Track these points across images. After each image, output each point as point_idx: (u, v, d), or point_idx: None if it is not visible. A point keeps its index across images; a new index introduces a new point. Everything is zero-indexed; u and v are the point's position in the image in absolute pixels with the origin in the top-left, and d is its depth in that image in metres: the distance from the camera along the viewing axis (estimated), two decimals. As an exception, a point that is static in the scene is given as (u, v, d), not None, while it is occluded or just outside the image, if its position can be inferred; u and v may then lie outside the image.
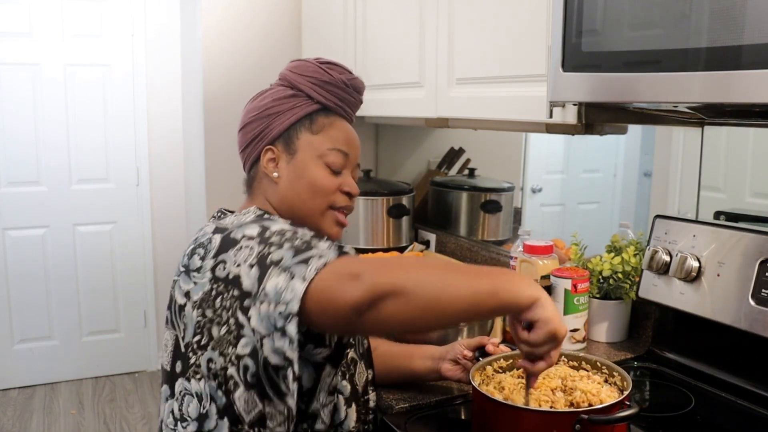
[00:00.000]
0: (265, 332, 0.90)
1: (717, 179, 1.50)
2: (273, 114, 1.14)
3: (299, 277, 0.87)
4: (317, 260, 0.88)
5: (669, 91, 0.98)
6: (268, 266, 0.91)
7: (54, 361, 3.79)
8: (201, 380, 1.01)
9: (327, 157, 1.13)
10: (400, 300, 0.83)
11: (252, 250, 0.94)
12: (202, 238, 1.03)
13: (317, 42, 2.54)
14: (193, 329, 1.01)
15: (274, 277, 0.89)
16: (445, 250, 2.35)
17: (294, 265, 0.89)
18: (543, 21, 1.34)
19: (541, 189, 2.24)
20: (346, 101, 1.16)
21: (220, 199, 2.73)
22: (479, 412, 1.05)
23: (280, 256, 0.91)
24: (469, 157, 2.51)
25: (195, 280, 1.00)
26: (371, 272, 0.84)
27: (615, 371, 1.10)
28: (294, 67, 1.17)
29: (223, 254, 0.97)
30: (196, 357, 1.01)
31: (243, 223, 1.01)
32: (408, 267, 0.88)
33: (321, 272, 0.86)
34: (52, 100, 3.60)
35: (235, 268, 0.94)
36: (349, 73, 1.17)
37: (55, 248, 3.72)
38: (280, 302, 0.87)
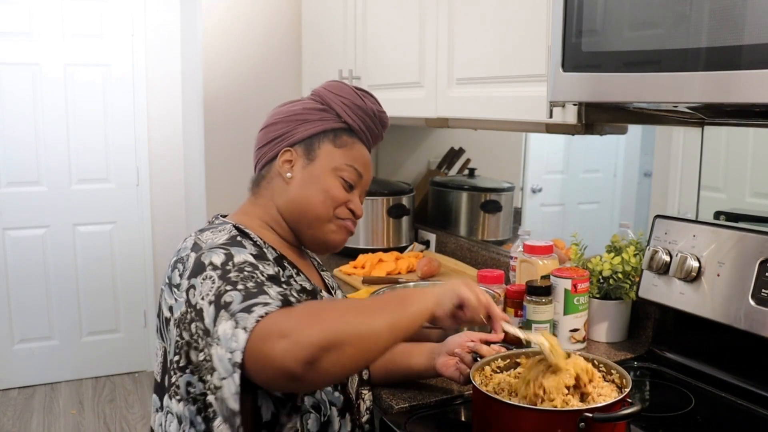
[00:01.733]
0: (224, 374, 0.88)
1: (717, 179, 1.50)
2: (300, 120, 1.15)
3: (241, 326, 0.86)
4: (261, 308, 0.87)
5: (669, 91, 0.98)
6: (220, 307, 0.90)
7: (54, 361, 3.79)
8: (180, 402, 1.00)
9: (343, 171, 1.15)
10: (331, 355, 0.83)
11: (213, 283, 0.93)
12: (182, 252, 1.03)
13: (317, 42, 2.54)
14: (174, 348, 1.00)
15: (224, 322, 0.88)
16: (445, 250, 2.35)
17: (239, 311, 0.88)
18: (543, 21, 1.34)
19: (541, 189, 2.24)
20: (370, 130, 1.19)
21: (220, 199, 2.73)
22: (481, 412, 1.05)
23: (231, 299, 0.90)
24: (469, 157, 2.51)
25: (175, 296, 1.00)
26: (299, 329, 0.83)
27: (613, 369, 1.10)
28: (330, 86, 1.20)
29: (194, 279, 0.96)
30: (176, 377, 1.00)
31: (214, 246, 1.00)
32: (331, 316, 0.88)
33: (259, 324, 0.85)
34: (52, 100, 3.60)
35: (201, 301, 0.93)
36: (380, 106, 1.21)
37: (55, 248, 3.72)
38: (228, 349, 0.86)
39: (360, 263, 2.16)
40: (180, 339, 0.99)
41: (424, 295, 0.99)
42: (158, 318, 1.07)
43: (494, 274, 1.57)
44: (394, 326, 0.92)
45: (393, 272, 2.10)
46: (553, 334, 1.47)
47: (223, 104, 2.67)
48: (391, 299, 1.00)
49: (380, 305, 0.95)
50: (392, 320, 0.92)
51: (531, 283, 1.46)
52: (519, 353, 1.17)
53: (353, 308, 0.92)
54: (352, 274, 2.10)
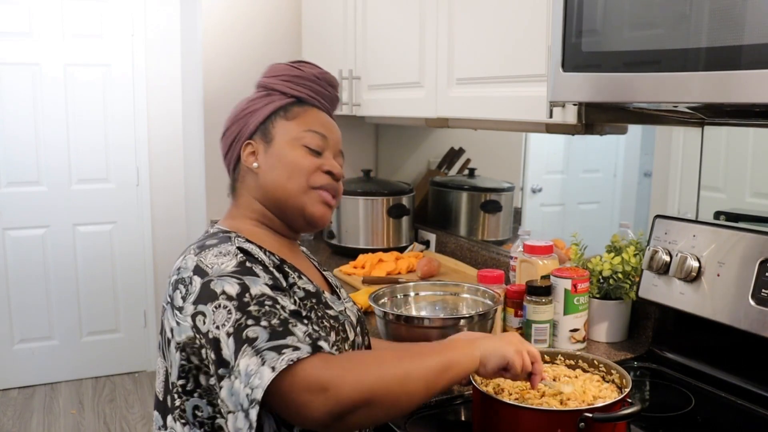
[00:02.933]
0: (231, 408, 0.89)
1: (717, 179, 1.50)
2: (248, 113, 1.15)
3: (269, 365, 0.86)
4: (291, 352, 0.87)
5: (669, 91, 0.98)
6: (243, 342, 0.89)
7: (54, 361, 3.79)
8: (185, 426, 1.00)
9: (303, 139, 1.12)
10: (366, 410, 0.86)
11: (230, 314, 0.92)
12: (183, 272, 0.99)
13: (317, 42, 2.54)
14: (178, 372, 0.99)
15: (247, 357, 0.88)
16: (445, 250, 2.35)
17: (267, 350, 0.88)
18: (543, 21, 1.34)
19: (541, 189, 2.24)
20: (319, 93, 1.17)
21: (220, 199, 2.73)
22: (481, 412, 1.05)
23: (255, 335, 0.89)
24: (469, 157, 2.51)
25: (177, 319, 0.97)
26: (340, 385, 0.85)
27: (613, 369, 1.10)
28: (266, 71, 1.19)
29: (202, 305, 0.94)
30: (181, 401, 0.99)
31: (223, 274, 0.96)
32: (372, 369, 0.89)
33: (292, 369, 0.86)
34: (52, 100, 3.60)
35: (215, 330, 0.92)
36: (320, 68, 1.19)
37: (55, 248, 3.73)
38: (248, 385, 0.87)
39: (360, 263, 2.16)
40: (187, 363, 0.97)
41: (470, 352, 0.98)
42: (161, 335, 1.05)
43: (494, 274, 1.57)
44: (433, 381, 0.93)
45: (393, 272, 2.10)
46: (552, 334, 1.47)
47: (223, 104, 2.66)
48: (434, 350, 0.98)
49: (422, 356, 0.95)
50: (432, 374, 0.92)
51: (531, 283, 1.46)
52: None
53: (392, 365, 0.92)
54: (352, 274, 2.10)
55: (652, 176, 1.73)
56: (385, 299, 1.51)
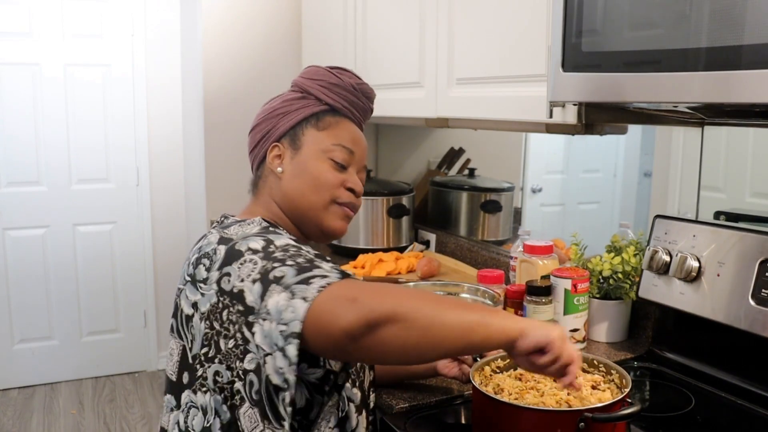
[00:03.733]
0: (268, 350, 0.88)
1: (717, 179, 1.50)
2: (281, 114, 1.15)
3: (300, 296, 0.86)
4: (320, 280, 0.87)
5: (669, 91, 0.98)
6: (270, 282, 0.90)
7: (54, 361, 3.79)
8: (207, 393, 1.00)
9: (332, 152, 1.13)
10: (395, 327, 0.83)
11: (255, 264, 0.93)
12: (207, 248, 1.02)
13: (317, 42, 2.54)
14: (201, 341, 1.00)
15: (276, 295, 0.88)
16: (445, 250, 2.35)
17: (296, 283, 0.88)
18: (543, 21, 1.34)
19: (541, 189, 2.24)
20: (354, 105, 1.17)
21: (219, 199, 2.73)
22: (481, 412, 1.05)
23: (283, 273, 0.90)
24: (469, 157, 2.51)
25: (202, 291, 0.99)
26: (369, 296, 0.84)
27: (613, 369, 1.10)
28: (305, 72, 1.19)
29: (228, 267, 0.96)
30: (203, 369, 1.00)
31: (248, 235, 1.00)
32: (404, 294, 0.88)
33: (322, 294, 0.85)
34: (52, 100, 3.60)
35: (239, 283, 0.93)
36: (358, 78, 1.19)
37: (55, 248, 3.72)
38: (281, 321, 0.86)
39: (360, 263, 2.16)
40: (210, 330, 0.98)
41: (516, 319, 0.92)
42: (175, 318, 1.06)
43: (494, 274, 1.57)
44: (469, 329, 0.86)
45: (393, 272, 2.10)
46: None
47: (223, 104, 2.67)
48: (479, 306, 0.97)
49: (464, 305, 0.94)
50: (470, 322, 0.87)
51: (531, 283, 1.46)
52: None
53: (432, 296, 0.91)
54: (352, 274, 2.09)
55: (652, 176, 1.73)
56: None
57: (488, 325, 0.88)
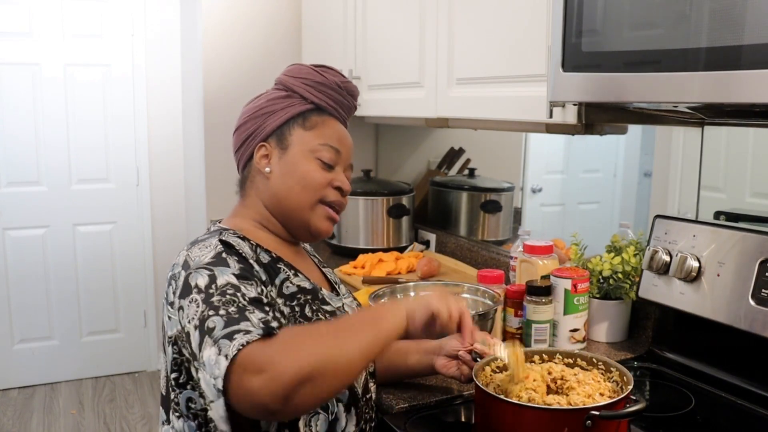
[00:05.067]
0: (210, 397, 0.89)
1: (717, 179, 1.50)
2: (267, 113, 1.14)
3: (224, 353, 0.86)
4: (242, 336, 0.87)
5: (669, 91, 0.98)
6: (204, 333, 0.90)
7: (54, 361, 3.79)
8: (180, 419, 1.01)
9: (319, 152, 1.13)
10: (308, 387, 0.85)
11: (198, 307, 0.93)
12: (175, 268, 1.02)
13: (317, 42, 2.54)
14: (170, 365, 1.00)
15: (208, 348, 0.89)
16: (445, 250, 2.35)
17: (222, 337, 0.88)
18: (543, 21, 1.34)
19: (541, 189, 2.24)
20: (339, 103, 1.17)
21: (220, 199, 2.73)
22: (485, 412, 1.05)
23: (214, 325, 0.90)
24: (469, 157, 2.51)
25: (169, 314, 1.00)
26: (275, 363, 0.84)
27: (613, 368, 1.10)
28: (289, 71, 1.19)
29: (183, 300, 0.96)
30: (175, 394, 1.01)
31: (199, 266, 0.99)
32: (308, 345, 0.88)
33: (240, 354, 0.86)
34: (52, 100, 3.60)
35: (188, 324, 0.94)
36: (342, 76, 1.19)
37: (55, 248, 3.72)
38: (212, 375, 0.87)
39: (360, 263, 2.16)
40: (179, 356, 0.99)
41: (396, 312, 0.98)
42: (162, 331, 1.07)
43: (494, 274, 1.57)
44: (367, 349, 0.92)
45: (393, 272, 2.10)
46: (552, 334, 1.47)
47: (223, 104, 2.67)
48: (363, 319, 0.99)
49: (353, 327, 0.95)
50: (365, 343, 0.92)
51: (531, 283, 1.46)
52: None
53: (326, 336, 0.92)
54: (352, 274, 2.10)
55: (652, 176, 1.73)
56: (385, 299, 1.51)
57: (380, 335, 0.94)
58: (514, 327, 1.51)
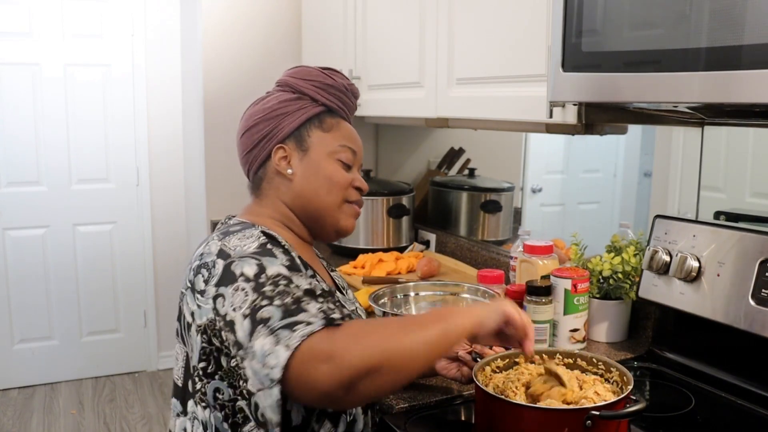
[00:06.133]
0: (258, 386, 0.90)
1: (717, 179, 1.50)
2: (281, 115, 1.14)
3: (283, 344, 0.87)
4: (303, 327, 0.89)
5: (669, 91, 0.98)
6: (257, 322, 0.91)
7: (54, 361, 3.79)
8: (206, 409, 1.01)
9: (339, 153, 1.15)
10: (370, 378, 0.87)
11: (247, 296, 0.93)
12: (207, 257, 1.01)
13: (317, 42, 2.54)
14: (199, 355, 1.00)
15: (262, 337, 0.89)
16: (445, 250, 2.35)
17: (280, 328, 0.89)
18: (543, 21, 1.35)
19: (541, 189, 2.24)
20: (346, 105, 1.19)
21: (220, 199, 2.73)
22: (485, 412, 1.05)
23: (270, 315, 0.91)
24: (469, 157, 2.51)
25: (199, 302, 0.99)
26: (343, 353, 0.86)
27: (613, 367, 1.10)
28: (295, 72, 1.19)
29: (223, 287, 0.96)
30: (202, 384, 1.01)
31: (244, 254, 0.99)
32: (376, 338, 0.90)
33: (303, 344, 0.87)
34: (52, 100, 3.60)
35: (232, 312, 0.94)
36: (348, 79, 1.21)
37: (55, 248, 3.72)
38: (265, 365, 0.88)
39: (360, 263, 2.16)
40: (208, 345, 0.98)
41: (467, 314, 0.99)
42: (179, 322, 1.06)
43: (494, 274, 1.57)
44: (434, 346, 0.93)
45: (393, 272, 2.10)
46: (552, 334, 1.47)
47: (223, 104, 2.67)
48: (433, 317, 0.99)
49: (422, 323, 0.96)
50: (432, 339, 0.93)
51: (531, 283, 1.46)
52: (517, 353, 1.17)
53: (393, 329, 0.93)
54: (352, 274, 2.10)
55: (652, 176, 1.73)
56: (385, 299, 1.51)
57: (450, 334, 0.95)
58: (514, 327, 1.51)
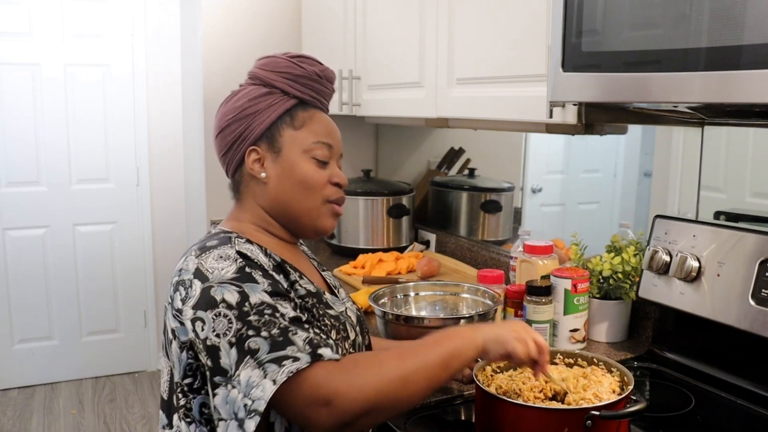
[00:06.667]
0: (224, 416, 0.91)
1: (717, 179, 1.50)
2: (251, 114, 1.10)
3: (270, 378, 0.88)
4: (290, 363, 0.89)
5: (669, 91, 0.98)
6: (245, 353, 0.90)
7: (54, 361, 3.79)
8: (191, 425, 1.00)
9: (313, 151, 1.10)
10: (369, 417, 0.89)
11: (231, 323, 0.92)
12: (185, 274, 0.99)
13: (317, 42, 2.54)
14: (183, 371, 0.99)
15: (249, 369, 0.89)
16: (445, 250, 2.35)
17: (268, 362, 0.89)
18: (543, 21, 1.34)
19: (541, 189, 2.24)
20: (320, 93, 1.15)
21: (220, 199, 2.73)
22: (486, 412, 1.05)
23: (257, 347, 0.91)
24: (469, 157, 2.51)
25: (179, 320, 0.98)
26: (342, 397, 0.87)
27: (613, 367, 1.10)
28: (264, 64, 1.15)
29: (201, 312, 0.94)
30: (187, 400, 1.00)
31: (223, 281, 0.96)
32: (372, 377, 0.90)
33: (292, 380, 0.88)
34: (52, 100, 3.60)
35: (215, 338, 0.92)
36: (320, 64, 1.16)
37: (55, 248, 3.72)
38: (248, 395, 0.89)
39: (360, 263, 2.16)
40: (194, 361, 0.98)
41: (472, 343, 0.98)
42: (164, 335, 1.05)
43: (494, 274, 1.57)
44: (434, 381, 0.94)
45: (393, 272, 2.10)
46: (552, 334, 1.47)
47: (223, 104, 2.67)
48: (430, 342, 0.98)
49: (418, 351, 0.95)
50: (433, 376, 0.94)
51: (531, 283, 1.46)
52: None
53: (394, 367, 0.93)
54: (352, 274, 2.10)
55: (652, 176, 1.73)
56: (385, 299, 1.51)
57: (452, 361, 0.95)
58: (514, 327, 1.51)
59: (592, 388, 1.04)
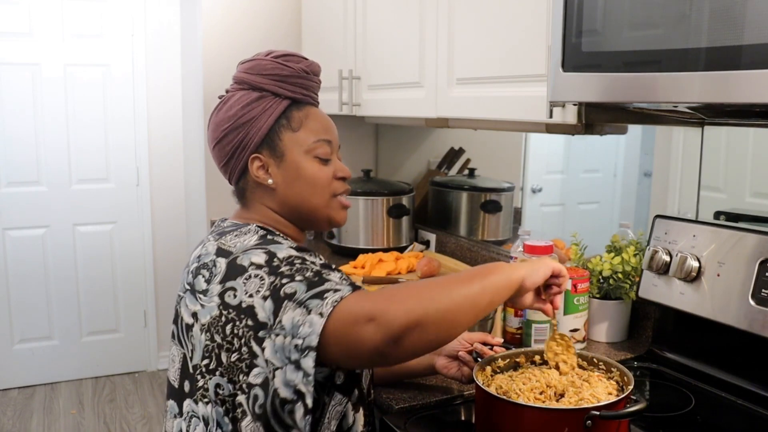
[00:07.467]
0: (278, 364, 0.91)
1: (717, 179, 1.50)
2: (247, 121, 1.10)
3: (316, 312, 0.89)
4: (333, 294, 0.90)
5: (669, 91, 0.98)
6: (282, 299, 0.92)
7: (54, 361, 3.79)
8: (208, 405, 1.01)
9: (315, 150, 1.12)
10: (417, 331, 0.87)
11: (263, 280, 0.94)
12: (205, 258, 1.02)
13: (317, 42, 2.54)
14: (202, 352, 1.00)
15: (290, 311, 0.90)
16: (445, 250, 2.35)
17: (309, 298, 0.90)
18: (543, 21, 1.34)
19: (541, 189, 2.24)
20: (310, 88, 1.15)
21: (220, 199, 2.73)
22: (486, 412, 1.05)
23: (293, 290, 0.92)
24: (469, 157, 2.51)
25: (202, 302, 0.99)
26: (384, 311, 0.87)
27: (613, 367, 1.10)
28: (249, 68, 1.13)
29: (231, 281, 0.96)
30: (204, 381, 1.01)
31: (247, 248, 0.99)
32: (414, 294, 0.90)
33: (338, 309, 0.89)
34: (52, 100, 3.60)
35: (248, 298, 0.94)
36: (305, 59, 1.16)
37: (55, 248, 3.72)
38: (296, 336, 0.89)
39: (360, 263, 2.16)
40: (210, 342, 0.99)
41: (514, 267, 0.99)
42: (175, 324, 1.06)
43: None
44: (477, 298, 0.93)
45: (393, 272, 2.10)
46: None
47: (223, 104, 2.67)
48: (477, 271, 0.98)
49: (463, 278, 0.95)
50: (474, 292, 0.93)
51: (531, 283, 1.46)
52: (518, 353, 1.17)
53: (433, 284, 0.93)
54: (352, 274, 2.10)
55: (652, 176, 1.73)
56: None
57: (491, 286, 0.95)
58: (514, 327, 1.51)
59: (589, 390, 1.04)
